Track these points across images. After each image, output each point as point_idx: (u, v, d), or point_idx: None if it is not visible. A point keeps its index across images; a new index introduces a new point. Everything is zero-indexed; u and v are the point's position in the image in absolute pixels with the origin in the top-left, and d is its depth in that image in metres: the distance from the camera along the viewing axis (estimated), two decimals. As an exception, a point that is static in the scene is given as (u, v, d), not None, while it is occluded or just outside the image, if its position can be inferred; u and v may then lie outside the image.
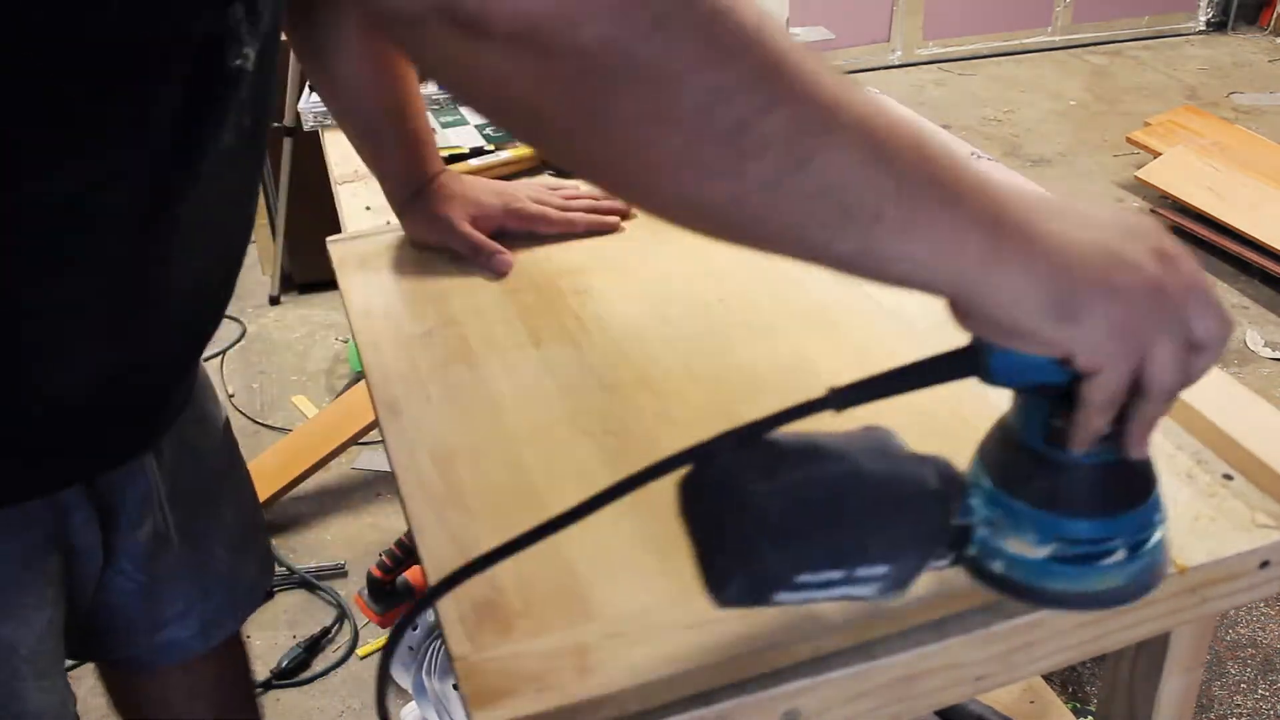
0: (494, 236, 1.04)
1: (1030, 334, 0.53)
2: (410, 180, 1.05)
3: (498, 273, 1.01)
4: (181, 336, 0.81)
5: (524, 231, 1.06)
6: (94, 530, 0.82)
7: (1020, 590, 0.61)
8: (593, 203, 1.09)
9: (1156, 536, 0.62)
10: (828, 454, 0.56)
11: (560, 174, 1.27)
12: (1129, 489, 0.60)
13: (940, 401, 0.64)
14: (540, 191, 1.09)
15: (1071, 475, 0.59)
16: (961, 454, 0.63)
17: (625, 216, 1.09)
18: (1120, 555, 0.60)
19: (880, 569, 0.56)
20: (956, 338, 0.61)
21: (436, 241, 1.04)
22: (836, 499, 0.55)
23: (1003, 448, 0.62)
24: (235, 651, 1.10)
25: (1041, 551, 0.60)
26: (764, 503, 0.54)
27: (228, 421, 1.03)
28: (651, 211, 0.52)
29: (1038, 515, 0.59)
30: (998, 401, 0.62)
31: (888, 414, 0.60)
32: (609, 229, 1.07)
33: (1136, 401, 0.55)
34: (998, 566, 0.61)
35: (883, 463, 0.57)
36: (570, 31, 0.44)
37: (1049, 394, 0.57)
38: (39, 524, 0.77)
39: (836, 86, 0.48)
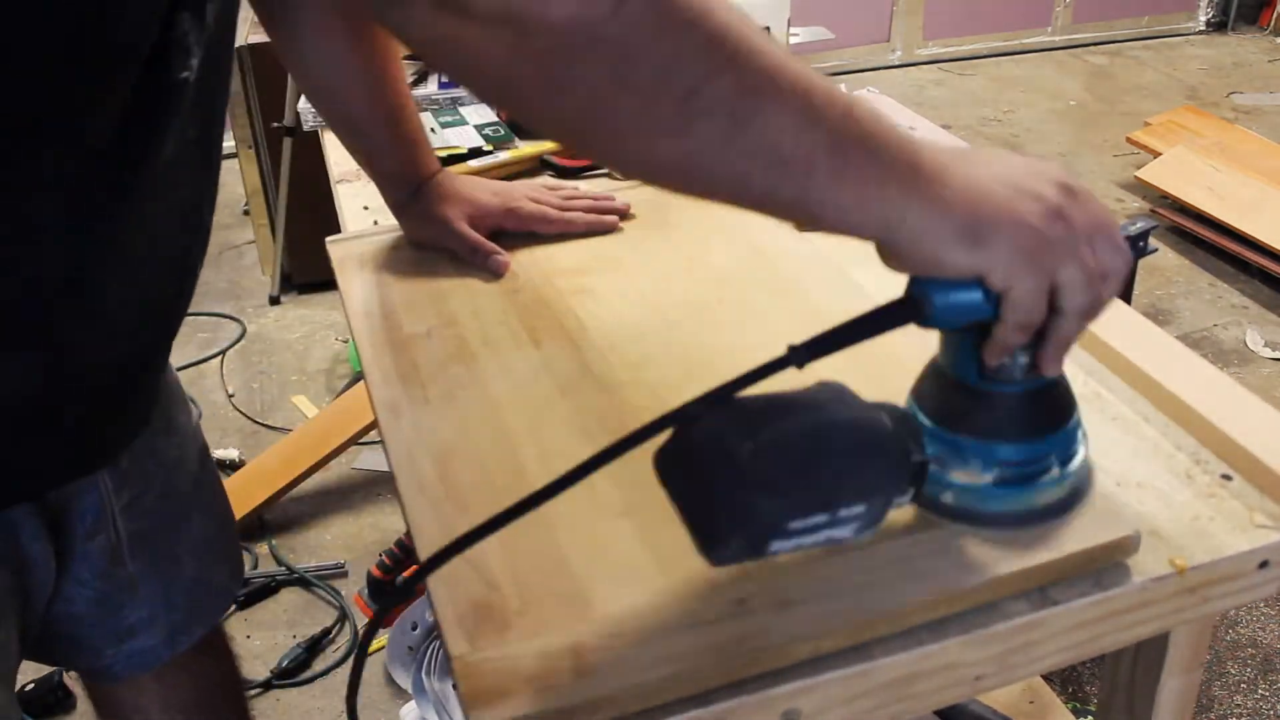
0: (492, 236, 1.03)
1: (946, 262, 0.60)
2: (406, 181, 1.04)
3: (495, 273, 1.00)
4: (128, 349, 0.79)
5: (523, 231, 1.06)
6: (43, 544, 0.81)
7: (972, 516, 0.68)
8: (591, 203, 1.09)
9: (1082, 452, 0.70)
10: (799, 407, 0.61)
11: (560, 174, 1.27)
12: (1055, 411, 0.68)
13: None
14: (539, 191, 1.09)
15: (1005, 404, 0.66)
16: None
17: (624, 216, 1.09)
18: (1055, 472, 0.68)
19: (858, 508, 0.61)
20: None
21: (434, 241, 1.04)
22: (815, 447, 0.59)
23: (938, 388, 0.69)
24: (213, 656, 1.09)
25: (986, 478, 0.67)
26: (750, 458, 0.57)
27: (198, 429, 1.02)
28: (614, 168, 0.60)
29: (979, 445, 0.67)
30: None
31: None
32: (608, 229, 1.07)
33: (1053, 319, 0.62)
34: (948, 498, 0.68)
35: (847, 410, 0.62)
36: (541, 10, 0.50)
37: (980, 332, 0.63)
38: None
39: (776, 55, 0.55)
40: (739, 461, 0.57)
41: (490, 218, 1.04)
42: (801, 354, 0.60)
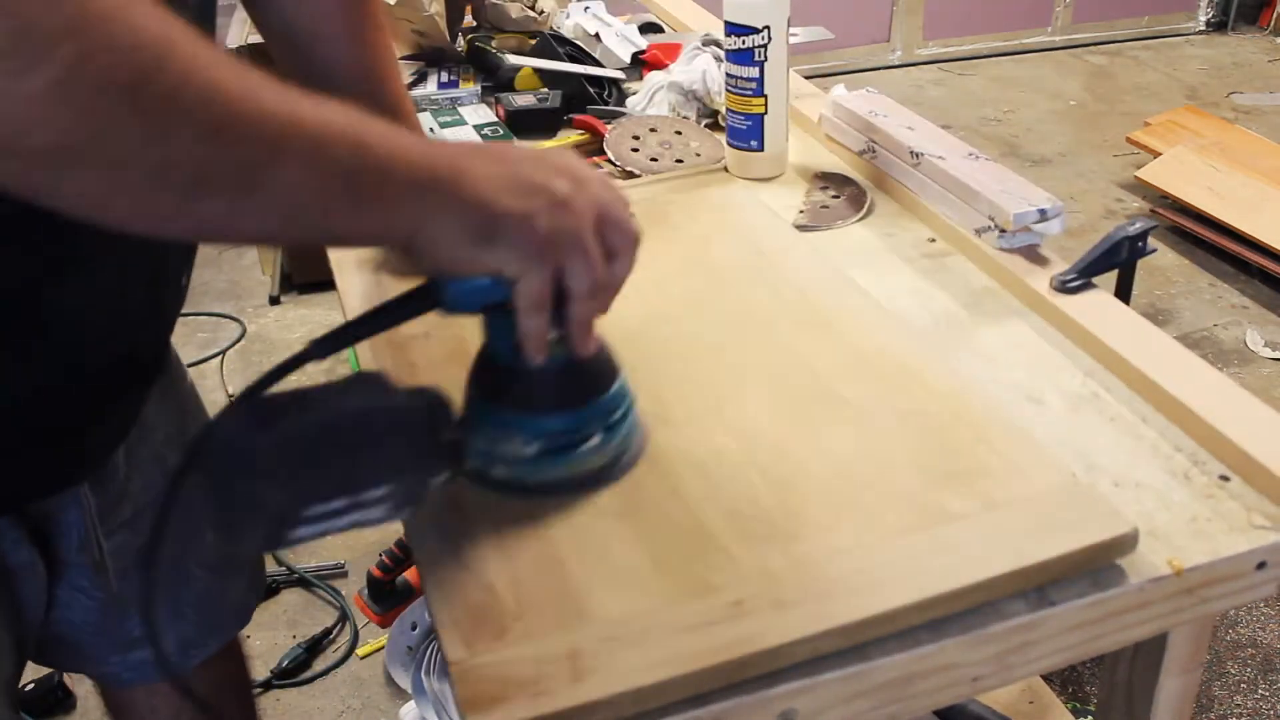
0: None
1: (463, 262, 0.64)
2: None
3: None
4: (102, 362, 0.78)
5: None
6: (29, 550, 0.81)
7: (523, 487, 0.72)
8: None
9: (627, 420, 0.75)
10: (315, 400, 0.64)
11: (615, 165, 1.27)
12: (590, 382, 0.73)
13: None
14: None
15: (539, 379, 0.71)
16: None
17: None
18: (597, 440, 0.73)
19: (381, 490, 0.63)
20: (952, 338, 0.62)
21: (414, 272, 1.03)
22: (328, 436, 0.62)
23: (483, 368, 0.73)
24: (227, 660, 1.09)
25: (531, 449, 0.71)
26: (262, 453, 0.60)
27: None
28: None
29: (521, 419, 0.72)
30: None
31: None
32: None
33: (568, 302, 0.67)
34: (500, 471, 0.73)
35: (372, 399, 0.65)
36: (21, 139, 0.48)
37: (504, 311, 0.67)
38: None
39: (284, 112, 0.55)
40: (250, 457, 0.60)
41: None
42: (324, 346, 0.64)
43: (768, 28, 1.14)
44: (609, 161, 1.27)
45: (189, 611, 0.98)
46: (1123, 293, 0.99)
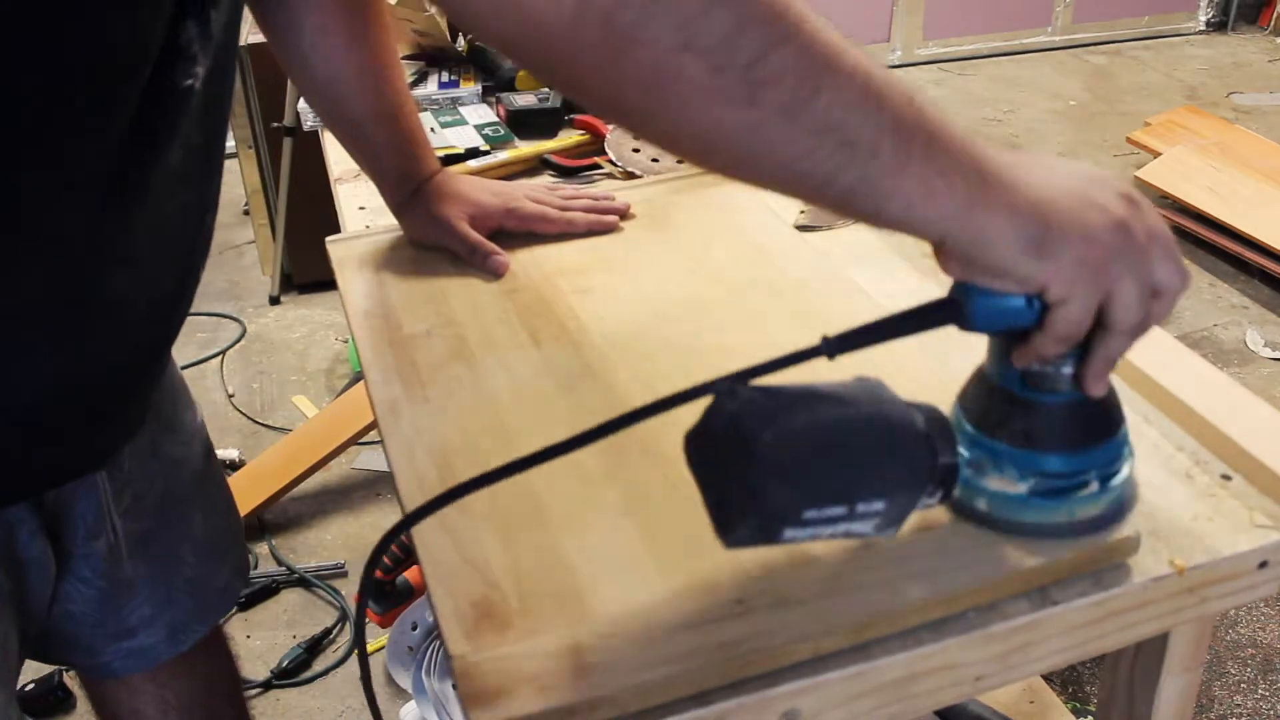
0: (492, 237, 1.03)
1: (1009, 270, 0.59)
2: (406, 181, 1.04)
3: (494, 274, 1.00)
4: (129, 351, 0.79)
5: (523, 231, 1.05)
6: (42, 543, 0.81)
7: (1004, 525, 0.68)
8: (592, 203, 1.09)
9: (1125, 470, 0.70)
10: (827, 399, 0.60)
11: (560, 174, 1.28)
12: (1098, 425, 0.68)
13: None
14: (539, 192, 1.09)
15: (1045, 414, 0.66)
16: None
17: (624, 216, 1.09)
18: (1094, 487, 0.68)
19: (878, 504, 0.60)
20: (952, 338, 0.62)
21: (434, 242, 1.04)
22: (838, 439, 0.59)
23: (981, 393, 0.69)
24: (211, 656, 1.09)
25: (1021, 487, 0.67)
26: (771, 446, 0.57)
27: (203, 427, 1.02)
28: (671, 145, 0.55)
29: (1016, 453, 0.67)
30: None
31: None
32: (608, 229, 1.07)
33: (1100, 335, 0.62)
34: (981, 504, 0.68)
35: (877, 407, 0.61)
36: None
37: (1021, 338, 0.63)
38: None
39: (834, 36, 0.54)
40: (757, 448, 0.57)
41: (491, 218, 1.04)
42: (834, 345, 0.61)
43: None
44: (610, 162, 1.27)
45: (180, 597, 0.99)
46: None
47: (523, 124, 1.37)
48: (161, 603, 0.97)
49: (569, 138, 1.35)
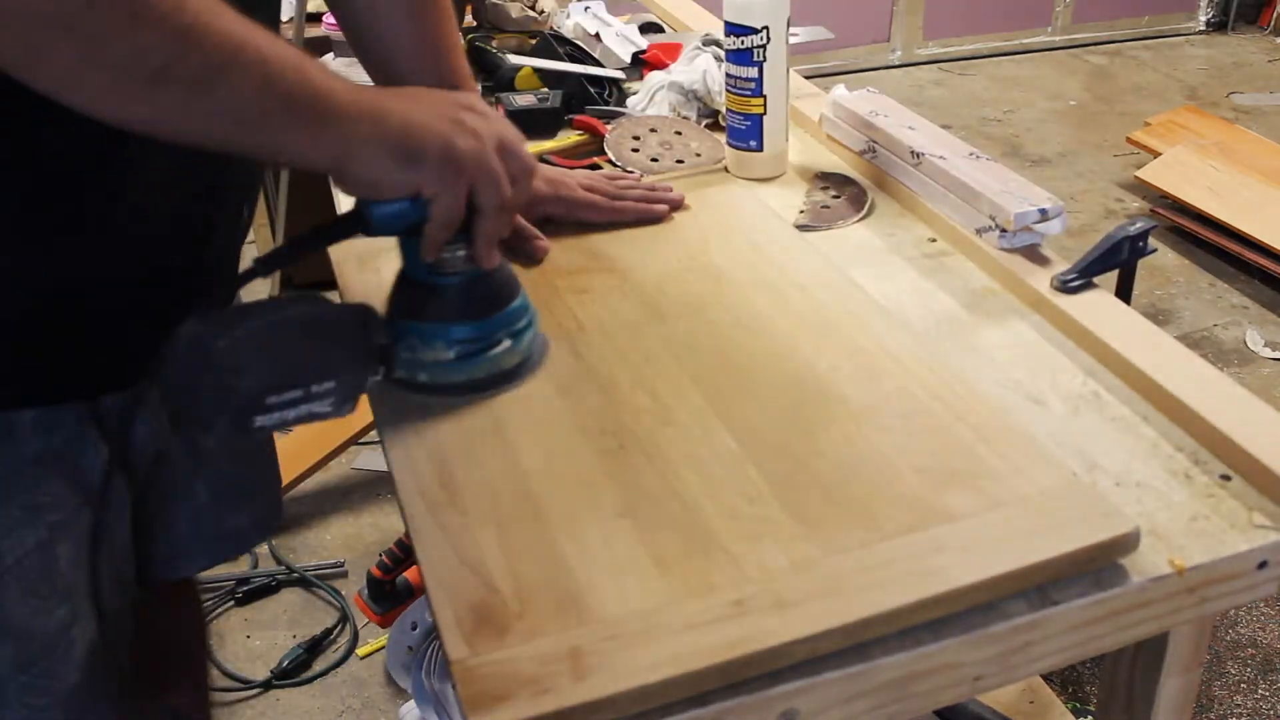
0: (539, 223, 1.04)
1: (386, 182, 0.74)
2: None
3: (533, 259, 1.02)
4: (168, 262, 0.84)
5: (571, 220, 1.07)
6: (100, 455, 0.83)
7: (444, 388, 0.83)
8: (645, 192, 1.10)
9: (531, 328, 0.87)
10: (273, 309, 0.75)
11: (615, 166, 1.27)
12: (497, 294, 0.84)
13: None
14: (595, 180, 1.10)
15: (451, 291, 0.82)
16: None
17: (677, 207, 1.10)
18: (506, 344, 0.84)
19: (329, 384, 0.75)
20: (952, 338, 0.62)
21: None
22: (282, 336, 0.73)
23: (403, 286, 0.84)
24: (181, 607, 1.11)
25: (448, 354, 0.82)
26: (226, 350, 0.70)
27: None
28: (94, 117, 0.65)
29: (436, 327, 0.82)
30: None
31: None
32: (655, 219, 1.08)
33: (475, 219, 0.78)
34: (423, 376, 0.83)
35: (311, 308, 0.75)
36: (30, 3, 0.57)
37: (417, 234, 0.78)
38: (26, 443, 0.79)
39: (240, 33, 0.65)
40: (212, 353, 0.70)
41: (539, 204, 1.06)
42: (264, 263, 0.77)
43: (766, 28, 1.14)
44: (609, 162, 1.27)
45: (183, 525, 1.00)
46: (1123, 293, 1.00)
47: (522, 124, 1.36)
48: (159, 527, 0.97)
49: (567, 138, 1.35)
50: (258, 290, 2.93)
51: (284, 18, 2.71)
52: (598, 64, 1.48)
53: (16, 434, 0.78)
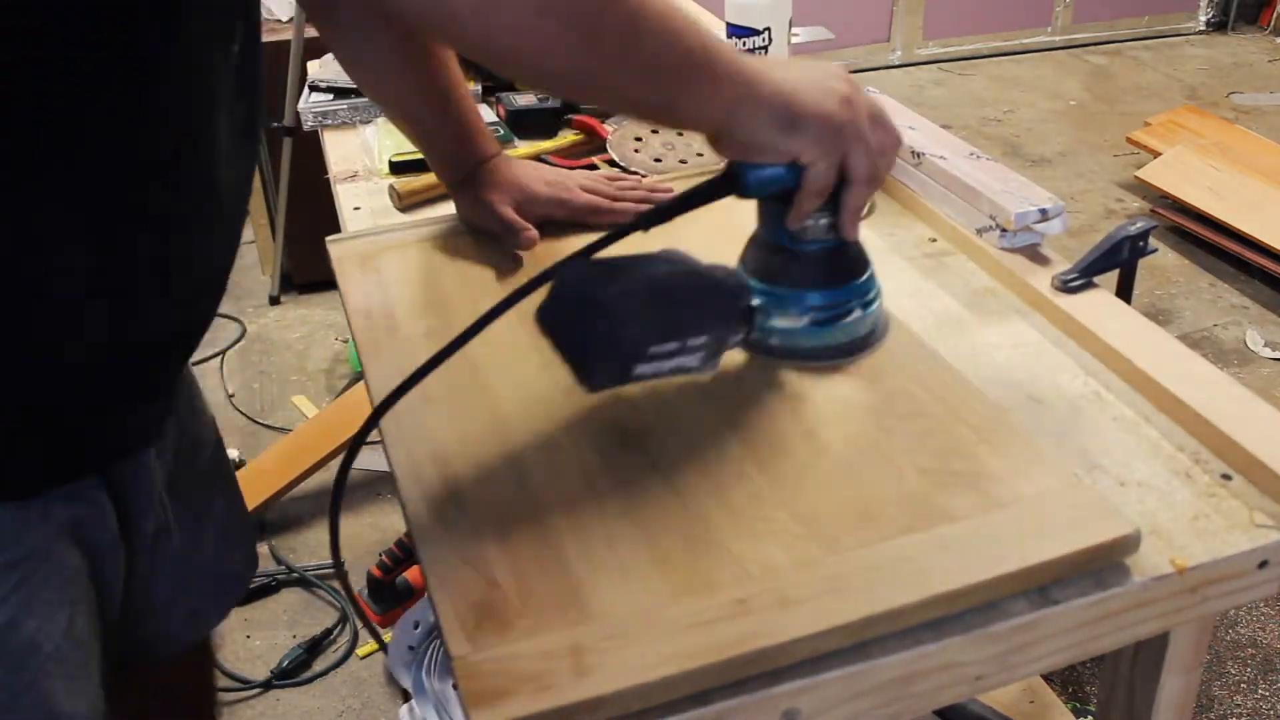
0: (539, 225, 1.05)
1: (769, 146, 0.76)
2: (460, 164, 1.07)
3: (524, 247, 1.03)
4: (186, 318, 0.81)
5: (572, 221, 1.07)
6: (113, 523, 0.81)
7: (793, 353, 0.85)
8: (646, 193, 1.11)
9: (878, 300, 0.87)
10: (648, 262, 0.77)
11: (617, 166, 1.28)
12: (854, 265, 0.86)
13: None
14: (596, 182, 1.11)
15: (813, 260, 0.83)
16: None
17: None
18: (857, 314, 0.85)
19: (702, 339, 0.77)
20: (953, 338, 0.62)
21: (477, 224, 1.07)
22: (664, 289, 0.76)
23: (761, 253, 0.85)
24: (203, 656, 1.10)
25: (801, 321, 0.84)
26: (613, 299, 0.73)
27: (214, 417, 1.03)
28: (532, 84, 0.71)
29: (793, 294, 0.84)
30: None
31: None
32: None
33: (845, 189, 0.79)
34: (774, 340, 0.85)
35: (690, 264, 0.79)
36: None
37: (785, 200, 0.79)
38: (55, 518, 0.76)
39: (654, 5, 0.70)
40: (603, 302, 0.73)
41: (539, 205, 1.06)
42: (647, 219, 0.78)
43: (769, 29, 1.14)
44: (607, 163, 1.27)
45: (200, 581, 0.98)
46: (1124, 292, 1.00)
47: (522, 124, 1.37)
48: (181, 587, 0.96)
49: (565, 137, 1.35)
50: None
51: (284, 17, 2.71)
52: (598, 64, 1.48)
53: (50, 511, 0.76)
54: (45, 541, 0.76)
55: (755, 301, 0.82)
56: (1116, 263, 0.96)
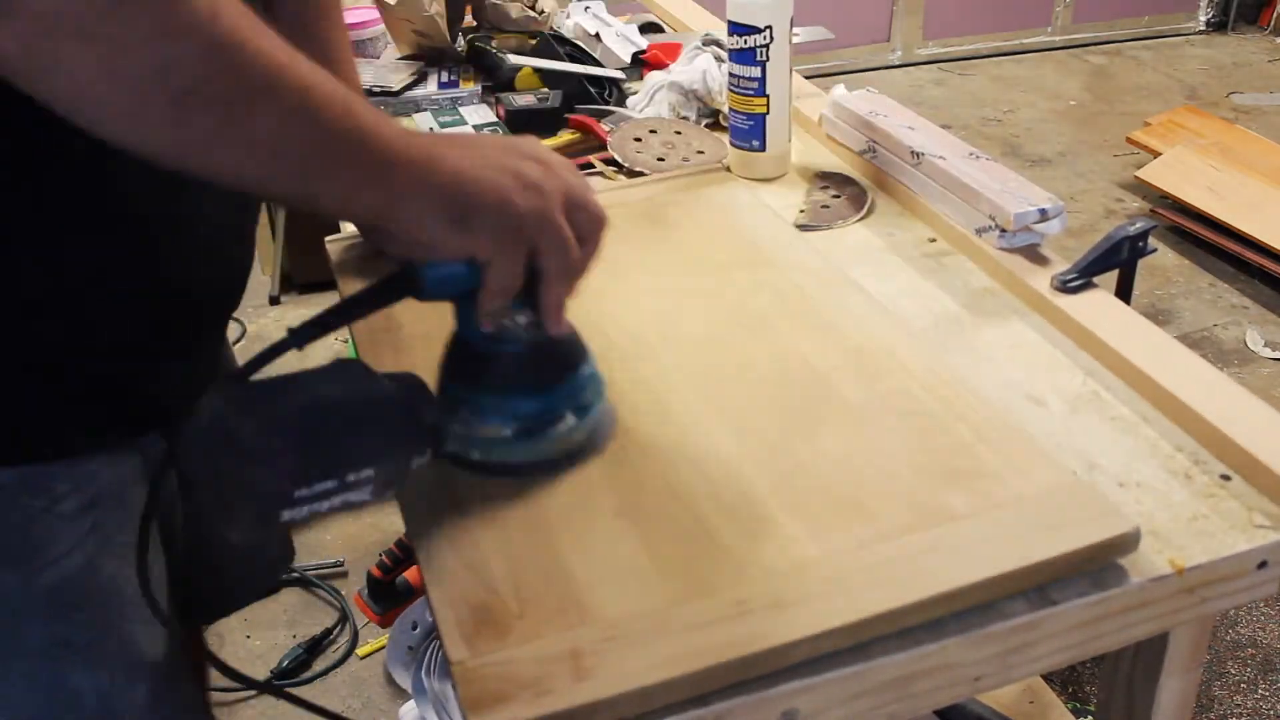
0: None
1: (438, 244, 0.65)
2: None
3: None
4: (208, 267, 0.82)
5: None
6: (172, 477, 0.82)
7: (501, 468, 0.74)
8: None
9: (598, 401, 0.77)
10: (297, 385, 0.65)
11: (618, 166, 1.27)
12: (559, 364, 0.75)
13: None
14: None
15: (511, 361, 0.73)
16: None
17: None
18: (570, 421, 0.74)
19: (368, 472, 0.65)
20: (952, 338, 0.62)
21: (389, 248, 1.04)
22: (313, 419, 0.64)
23: (456, 353, 0.74)
24: (198, 649, 1.10)
25: (506, 431, 0.73)
26: (250, 436, 0.61)
27: None
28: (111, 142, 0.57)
29: (496, 401, 0.73)
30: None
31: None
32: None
33: (539, 285, 0.69)
34: (477, 454, 0.74)
35: (353, 385, 0.67)
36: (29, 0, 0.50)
37: (473, 299, 0.69)
38: (124, 464, 0.78)
39: (279, 57, 0.58)
40: (237, 440, 0.61)
41: None
42: (301, 334, 0.66)
43: (770, 27, 1.14)
44: (604, 162, 1.26)
45: (231, 565, 0.99)
46: (1123, 292, 1.00)
47: (522, 124, 1.37)
48: (205, 567, 0.96)
49: (561, 136, 1.35)
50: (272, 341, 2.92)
51: (284, 18, 2.70)
52: (598, 64, 1.48)
53: (117, 460, 0.78)
54: (117, 486, 0.77)
55: (439, 418, 0.71)
56: (1116, 263, 0.96)
